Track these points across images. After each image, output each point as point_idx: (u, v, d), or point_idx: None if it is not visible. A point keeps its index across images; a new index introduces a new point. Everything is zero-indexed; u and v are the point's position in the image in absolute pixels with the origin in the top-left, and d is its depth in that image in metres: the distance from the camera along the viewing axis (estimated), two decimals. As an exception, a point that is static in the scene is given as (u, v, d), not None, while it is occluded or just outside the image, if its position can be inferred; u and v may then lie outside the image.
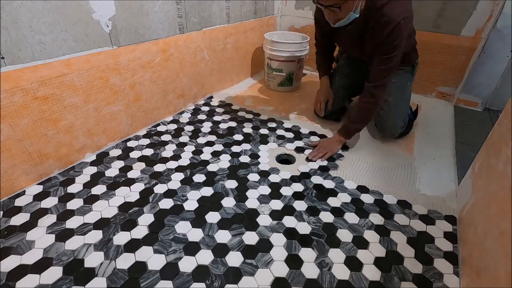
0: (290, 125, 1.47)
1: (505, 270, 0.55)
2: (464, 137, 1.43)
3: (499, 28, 1.51)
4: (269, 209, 0.96)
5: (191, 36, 1.44)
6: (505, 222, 0.61)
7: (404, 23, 1.01)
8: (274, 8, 2.07)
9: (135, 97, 1.27)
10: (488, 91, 1.68)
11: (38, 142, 0.98)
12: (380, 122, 1.35)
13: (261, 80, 2.03)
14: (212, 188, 1.04)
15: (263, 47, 1.81)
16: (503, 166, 0.71)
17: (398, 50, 1.06)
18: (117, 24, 1.09)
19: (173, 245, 0.82)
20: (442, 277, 0.77)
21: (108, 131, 1.21)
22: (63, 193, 0.99)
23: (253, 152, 1.25)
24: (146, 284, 0.72)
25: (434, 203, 1.02)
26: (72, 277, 0.73)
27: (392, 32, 1.02)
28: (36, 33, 0.88)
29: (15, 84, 0.87)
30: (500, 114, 0.85)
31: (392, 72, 1.12)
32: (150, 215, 0.92)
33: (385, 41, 1.05)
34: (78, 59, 1.01)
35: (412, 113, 1.43)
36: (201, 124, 1.44)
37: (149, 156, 1.19)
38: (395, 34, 1.02)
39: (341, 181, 1.10)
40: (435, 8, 1.63)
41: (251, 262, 0.78)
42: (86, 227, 0.87)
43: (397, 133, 1.33)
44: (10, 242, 0.81)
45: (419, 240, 0.88)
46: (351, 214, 0.96)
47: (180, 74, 1.46)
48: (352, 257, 0.81)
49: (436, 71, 1.78)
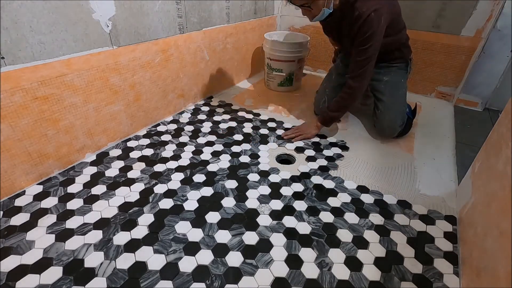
0: (290, 125, 1.47)
1: (505, 270, 0.55)
2: (464, 137, 1.43)
3: (499, 28, 1.51)
4: (269, 209, 0.96)
5: (191, 36, 1.44)
6: (505, 222, 0.61)
7: (375, 15, 1.07)
8: (274, 8, 2.07)
9: (135, 97, 1.27)
10: (488, 91, 1.67)
11: (38, 142, 0.98)
12: (378, 123, 1.36)
13: (261, 80, 2.03)
14: (212, 188, 1.04)
15: (263, 47, 1.82)
16: (503, 166, 0.71)
17: (372, 42, 1.10)
18: (117, 24, 1.09)
19: (173, 245, 0.82)
20: (442, 277, 0.77)
21: (108, 131, 1.21)
22: (63, 193, 0.99)
23: (253, 152, 1.25)
24: (146, 284, 0.72)
25: (434, 203, 1.02)
26: (72, 277, 0.73)
27: (363, 24, 1.08)
28: (36, 33, 0.88)
29: (15, 84, 0.87)
30: (500, 114, 0.85)
31: (369, 63, 1.15)
32: (150, 215, 0.92)
33: (358, 33, 1.11)
34: (78, 59, 1.01)
35: (411, 112, 1.43)
36: (201, 124, 1.44)
37: (149, 156, 1.19)
38: (366, 26, 1.08)
39: (341, 181, 1.10)
40: (435, 8, 1.63)
41: (251, 262, 0.78)
42: (86, 227, 0.87)
43: (396, 132, 1.33)
44: (10, 242, 0.81)
45: (419, 240, 0.88)
46: (351, 214, 0.96)
47: (180, 74, 1.46)
48: (352, 257, 0.81)
49: (436, 71, 1.78)
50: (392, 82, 1.33)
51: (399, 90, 1.34)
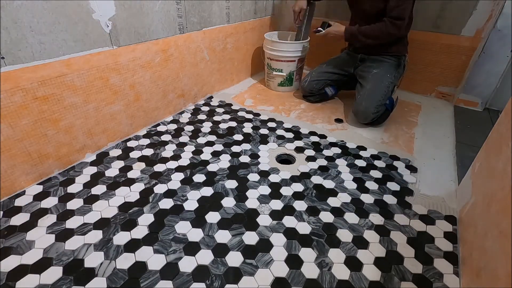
0: (290, 125, 1.47)
1: (505, 270, 0.55)
2: (464, 137, 1.43)
3: (499, 28, 1.51)
4: (269, 209, 0.96)
5: (191, 36, 1.44)
6: (505, 222, 0.61)
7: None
8: (274, 8, 2.07)
9: (135, 97, 1.27)
10: (488, 91, 1.67)
11: (38, 142, 0.98)
12: (355, 106, 1.46)
13: (261, 80, 2.03)
14: (212, 188, 1.04)
15: (263, 47, 1.82)
16: (503, 166, 0.71)
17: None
18: (117, 24, 1.09)
19: (173, 245, 0.82)
20: (442, 277, 0.77)
21: (108, 131, 1.21)
22: (63, 193, 0.99)
23: (253, 152, 1.25)
24: (146, 284, 0.72)
25: (434, 203, 1.02)
26: (72, 277, 0.73)
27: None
28: (36, 33, 0.88)
29: (15, 84, 0.87)
30: (500, 114, 0.85)
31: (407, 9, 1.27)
32: (150, 215, 0.92)
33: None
34: (78, 59, 1.01)
35: (391, 105, 1.48)
36: (201, 124, 1.44)
37: (149, 156, 1.19)
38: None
39: (341, 181, 1.10)
40: (435, 8, 1.63)
41: (251, 262, 0.78)
42: (86, 227, 0.87)
43: (370, 119, 1.43)
44: (10, 242, 0.81)
45: (419, 240, 0.88)
46: (351, 214, 0.96)
47: (180, 74, 1.46)
48: (352, 257, 0.81)
49: (436, 71, 1.78)
50: (379, 74, 1.45)
51: (383, 82, 1.43)
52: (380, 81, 1.43)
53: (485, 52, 1.59)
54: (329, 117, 1.57)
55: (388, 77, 1.44)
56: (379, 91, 1.41)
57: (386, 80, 1.43)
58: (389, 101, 1.45)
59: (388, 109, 1.46)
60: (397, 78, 1.49)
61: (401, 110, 1.65)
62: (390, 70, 1.46)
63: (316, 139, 1.36)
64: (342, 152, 1.27)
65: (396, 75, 1.48)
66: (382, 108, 1.43)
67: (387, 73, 1.45)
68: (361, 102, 1.42)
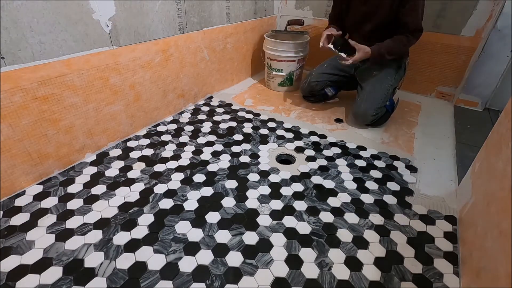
0: (290, 125, 1.47)
1: (505, 270, 0.55)
2: (464, 137, 1.43)
3: (499, 28, 1.51)
4: (269, 209, 0.96)
5: (191, 36, 1.44)
6: (505, 222, 0.61)
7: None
8: (274, 8, 2.07)
9: (135, 97, 1.27)
10: (488, 91, 1.67)
11: (38, 142, 0.98)
12: (355, 108, 1.46)
13: (261, 80, 2.03)
14: (212, 188, 1.04)
15: (263, 47, 1.82)
16: (503, 166, 0.71)
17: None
18: (117, 24, 1.09)
19: (173, 245, 0.82)
20: (442, 277, 0.77)
21: (108, 131, 1.21)
22: (63, 193, 0.99)
23: (253, 152, 1.25)
24: (146, 284, 0.72)
25: (434, 203, 1.02)
26: (72, 277, 0.73)
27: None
28: (36, 33, 0.88)
29: (15, 84, 0.87)
30: (500, 114, 0.85)
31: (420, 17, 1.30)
32: (150, 215, 0.92)
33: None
34: (78, 59, 1.01)
35: (392, 107, 1.48)
36: (201, 124, 1.44)
37: (149, 156, 1.19)
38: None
39: (341, 181, 1.10)
40: (435, 8, 1.63)
41: (251, 262, 0.78)
42: (86, 227, 0.87)
43: (369, 121, 1.43)
44: (10, 242, 0.81)
45: (419, 240, 0.88)
46: (351, 214, 0.96)
47: (180, 74, 1.46)
48: (352, 257, 0.81)
49: (436, 71, 1.78)
50: (379, 77, 1.44)
51: (383, 84, 1.42)
52: (380, 83, 1.42)
53: (485, 52, 1.59)
54: (329, 117, 1.57)
55: (388, 79, 1.43)
56: (378, 94, 1.41)
57: (386, 83, 1.42)
58: (389, 102, 1.45)
59: (389, 110, 1.46)
60: (397, 80, 1.48)
61: (401, 110, 1.65)
62: (391, 73, 1.45)
63: (316, 139, 1.36)
64: (342, 152, 1.27)
65: (397, 77, 1.47)
66: (382, 110, 1.43)
67: (388, 76, 1.44)
68: (360, 104, 1.42)
